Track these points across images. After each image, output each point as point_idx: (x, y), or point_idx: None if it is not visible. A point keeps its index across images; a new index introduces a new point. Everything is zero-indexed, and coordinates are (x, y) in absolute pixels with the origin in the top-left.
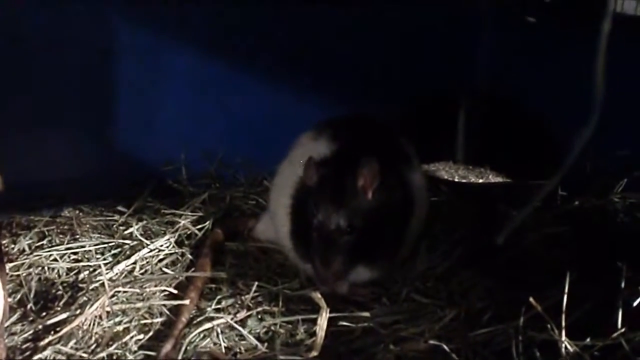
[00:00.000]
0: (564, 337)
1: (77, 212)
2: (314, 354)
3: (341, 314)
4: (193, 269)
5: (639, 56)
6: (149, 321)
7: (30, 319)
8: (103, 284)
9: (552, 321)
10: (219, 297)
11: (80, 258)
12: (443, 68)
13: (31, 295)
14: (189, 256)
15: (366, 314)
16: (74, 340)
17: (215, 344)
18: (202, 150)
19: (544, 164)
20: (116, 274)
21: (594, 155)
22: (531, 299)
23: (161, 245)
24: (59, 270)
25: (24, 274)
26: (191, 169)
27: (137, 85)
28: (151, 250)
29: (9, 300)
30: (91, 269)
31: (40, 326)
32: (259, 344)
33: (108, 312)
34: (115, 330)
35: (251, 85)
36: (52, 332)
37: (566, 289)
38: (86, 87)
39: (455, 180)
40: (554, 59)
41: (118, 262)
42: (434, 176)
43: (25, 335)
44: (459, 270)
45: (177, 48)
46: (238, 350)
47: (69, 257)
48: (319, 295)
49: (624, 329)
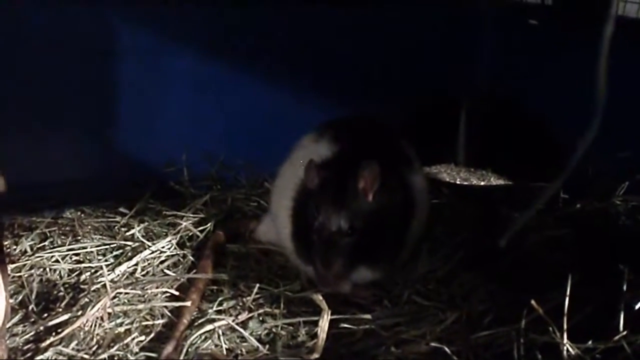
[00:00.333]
0: (565, 340)
1: (79, 214)
2: (315, 356)
3: (342, 316)
4: (194, 271)
5: None
6: (150, 323)
7: (32, 320)
8: (104, 286)
9: (554, 324)
10: (220, 299)
11: (81, 259)
12: (444, 70)
13: (33, 297)
14: (191, 258)
15: (367, 316)
16: (75, 342)
17: (216, 345)
18: (204, 152)
19: (546, 166)
20: (118, 275)
21: (595, 158)
22: (533, 302)
23: (163, 247)
24: (60, 272)
25: (26, 275)
26: (193, 171)
27: (139, 87)
28: (153, 252)
29: (11, 301)
30: (93, 271)
31: (41, 327)
32: (260, 346)
33: (109, 314)
34: (116, 331)
35: (252, 86)
36: (54, 334)
37: (568, 292)
38: (87, 89)
39: (457, 182)
40: (555, 61)
41: (120, 264)
42: (435, 178)
43: (26, 337)
44: (461, 273)
45: (178, 49)
46: (239, 352)
47: (71, 259)
48: (320, 297)
49: (625, 332)
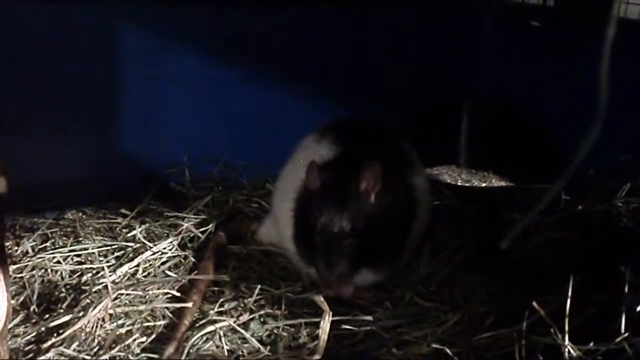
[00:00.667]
0: (567, 342)
1: (80, 215)
2: (317, 357)
3: (344, 317)
4: (196, 272)
5: None
6: (151, 324)
7: (33, 321)
8: (106, 287)
9: (555, 325)
10: (221, 300)
11: (83, 260)
12: (446, 71)
13: (34, 298)
14: (192, 259)
15: (369, 318)
16: (76, 343)
17: (217, 347)
18: (205, 153)
19: (547, 168)
20: (119, 276)
21: (597, 160)
22: (534, 303)
23: (164, 248)
24: (62, 273)
25: (27, 276)
26: (194, 172)
27: (141, 88)
28: (154, 253)
29: (12, 302)
30: (94, 272)
31: (43, 328)
32: (261, 347)
33: (111, 315)
34: (118, 332)
35: (254, 88)
36: (55, 335)
37: (569, 294)
38: (89, 90)
39: (458, 184)
40: (557, 62)
41: (121, 265)
42: (436, 180)
43: (28, 338)
44: (462, 275)
45: (181, 51)
46: (240, 353)
47: (72, 260)
48: (322, 299)
49: (627, 334)
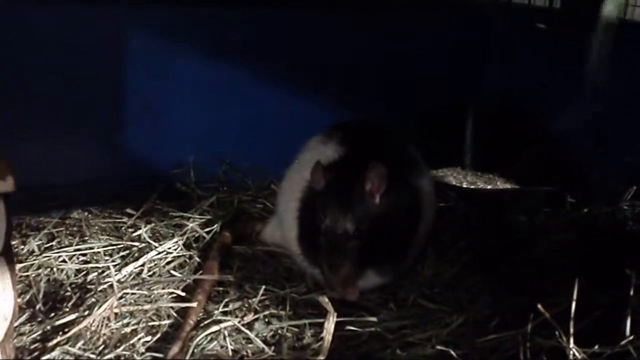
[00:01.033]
0: (572, 344)
1: (86, 214)
2: (321, 357)
3: (348, 318)
4: (201, 272)
5: None
6: (156, 323)
7: (39, 319)
8: (111, 286)
9: (560, 328)
10: (226, 300)
11: (88, 259)
12: (452, 73)
13: (40, 296)
14: (197, 259)
15: (373, 319)
16: (82, 341)
17: (222, 346)
18: (211, 153)
19: (552, 171)
20: (124, 275)
21: (603, 163)
22: (539, 306)
23: (169, 248)
24: (67, 272)
25: (33, 275)
26: (200, 173)
27: (147, 89)
28: (159, 253)
29: (18, 300)
30: (100, 271)
31: (48, 327)
32: (265, 347)
33: (116, 314)
34: (123, 331)
35: (260, 89)
36: (61, 333)
37: (574, 296)
38: (97, 92)
39: (464, 186)
40: (563, 65)
41: (126, 264)
42: (441, 182)
43: (33, 336)
44: (467, 277)
45: (187, 52)
46: (245, 353)
47: (78, 259)
48: (327, 300)
49: (632, 337)
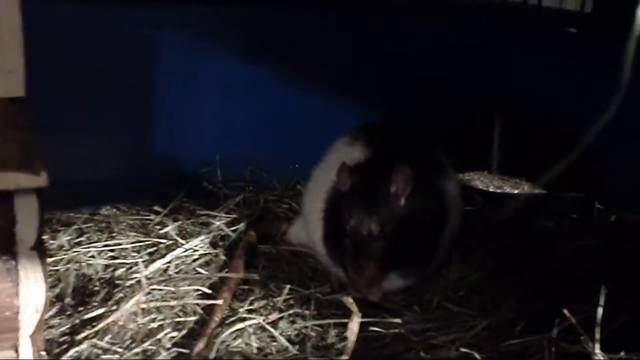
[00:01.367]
0: (597, 350)
1: (115, 211)
2: (345, 357)
3: (372, 319)
4: (226, 270)
5: None
6: (182, 319)
7: (68, 313)
8: (139, 281)
9: (586, 334)
10: (251, 299)
11: (116, 255)
12: (480, 78)
13: (69, 290)
14: (223, 257)
15: (397, 321)
16: (109, 335)
17: (246, 344)
18: (237, 153)
19: (578, 176)
20: (151, 272)
21: (631, 169)
22: (565, 311)
23: (195, 246)
24: (96, 267)
25: (63, 270)
26: (226, 172)
27: (175, 89)
28: (186, 250)
29: (48, 294)
30: (127, 267)
31: (77, 320)
32: (290, 346)
33: (143, 309)
34: (149, 326)
35: (287, 90)
36: (89, 327)
37: (601, 302)
38: (125, 91)
39: (490, 190)
40: (593, 70)
41: (153, 261)
42: (468, 185)
43: (62, 329)
44: (492, 281)
45: (215, 53)
46: (269, 351)
47: (106, 254)
48: (351, 300)
49: None
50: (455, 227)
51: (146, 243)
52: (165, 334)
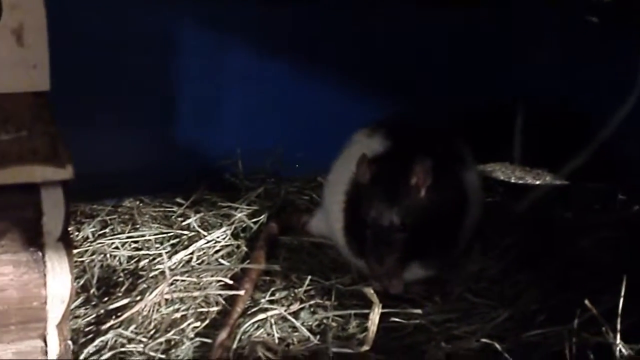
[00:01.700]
0: (618, 340)
1: (138, 203)
2: (366, 348)
3: (393, 310)
4: (248, 261)
5: None
6: (205, 310)
7: (93, 303)
8: (162, 272)
9: (607, 324)
10: (272, 289)
11: (140, 247)
12: (502, 68)
13: (94, 281)
14: (244, 248)
15: (418, 311)
16: (134, 325)
17: (268, 334)
18: (259, 145)
19: (601, 167)
20: (174, 263)
21: None
22: (587, 302)
23: (217, 237)
24: (120, 258)
25: (87, 261)
26: (247, 164)
27: (197, 82)
28: (208, 242)
29: (74, 284)
30: (151, 258)
31: (102, 310)
32: (311, 336)
33: (167, 300)
34: (173, 317)
35: (308, 83)
36: (114, 317)
37: (622, 293)
38: (148, 84)
39: (512, 181)
40: (616, 60)
41: (176, 252)
42: (489, 176)
43: (88, 319)
44: (514, 272)
45: (236, 45)
46: (291, 341)
47: (130, 246)
48: (372, 291)
49: None
50: (476, 218)
51: (169, 234)
52: (189, 324)
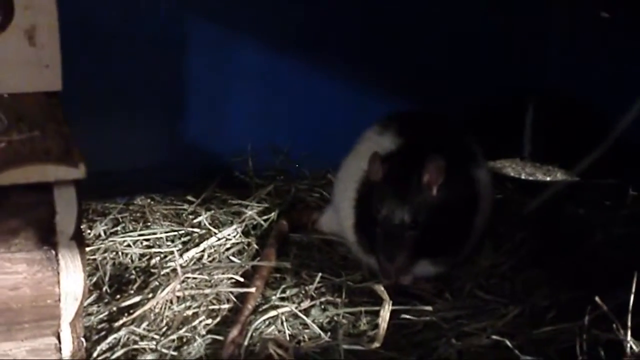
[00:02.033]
0: (629, 337)
1: (149, 201)
2: (376, 345)
3: (403, 307)
4: (259, 259)
5: None
6: (216, 307)
7: (106, 300)
8: (173, 270)
9: (618, 321)
10: (283, 287)
11: (151, 244)
12: (512, 64)
13: (106, 279)
14: (255, 246)
15: (428, 308)
16: (146, 322)
17: (279, 331)
18: (268, 143)
19: (613, 163)
20: (185, 260)
21: None
22: (597, 299)
23: (228, 235)
24: (132, 256)
25: (100, 258)
26: (257, 162)
27: (207, 79)
28: (219, 239)
29: (87, 282)
30: (162, 255)
31: (114, 308)
32: (322, 333)
33: (178, 297)
34: (185, 314)
35: (317, 79)
36: (126, 314)
37: (633, 289)
38: (158, 82)
39: (522, 177)
40: (627, 56)
41: (187, 250)
42: (499, 173)
43: (100, 316)
44: (524, 269)
45: (247, 43)
46: (302, 338)
47: (141, 244)
48: (382, 288)
49: None
50: (486, 215)
51: (180, 232)
52: (200, 321)
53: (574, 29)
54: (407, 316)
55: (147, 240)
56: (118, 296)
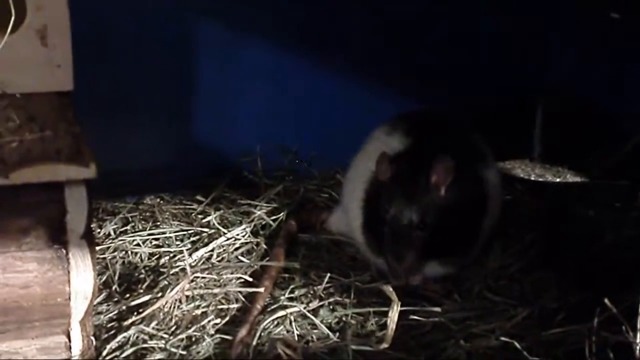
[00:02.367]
0: (639, 339)
1: (158, 200)
2: (385, 345)
3: (412, 308)
4: (267, 259)
5: None
6: (225, 306)
7: (115, 299)
8: (183, 269)
9: (627, 323)
10: (292, 287)
11: (161, 244)
12: (521, 65)
13: (116, 278)
14: (264, 246)
15: (437, 309)
16: (155, 322)
17: (288, 331)
18: (277, 143)
19: (622, 164)
20: (195, 260)
21: None
22: (606, 300)
23: (237, 235)
24: (141, 255)
25: (109, 257)
26: (266, 162)
27: (216, 79)
28: (228, 239)
29: (97, 281)
30: (171, 255)
31: (124, 307)
32: (330, 334)
33: (187, 297)
34: (194, 313)
35: (327, 80)
36: (135, 313)
37: None
38: (167, 82)
39: (532, 178)
40: (628, 55)
41: (197, 249)
42: (509, 174)
43: (110, 315)
44: (533, 270)
45: (256, 43)
46: (310, 338)
47: (151, 243)
48: (391, 289)
49: None
50: (495, 216)
51: (189, 232)
52: (209, 321)
53: (584, 30)
54: (416, 317)
55: (157, 239)
56: (127, 295)
